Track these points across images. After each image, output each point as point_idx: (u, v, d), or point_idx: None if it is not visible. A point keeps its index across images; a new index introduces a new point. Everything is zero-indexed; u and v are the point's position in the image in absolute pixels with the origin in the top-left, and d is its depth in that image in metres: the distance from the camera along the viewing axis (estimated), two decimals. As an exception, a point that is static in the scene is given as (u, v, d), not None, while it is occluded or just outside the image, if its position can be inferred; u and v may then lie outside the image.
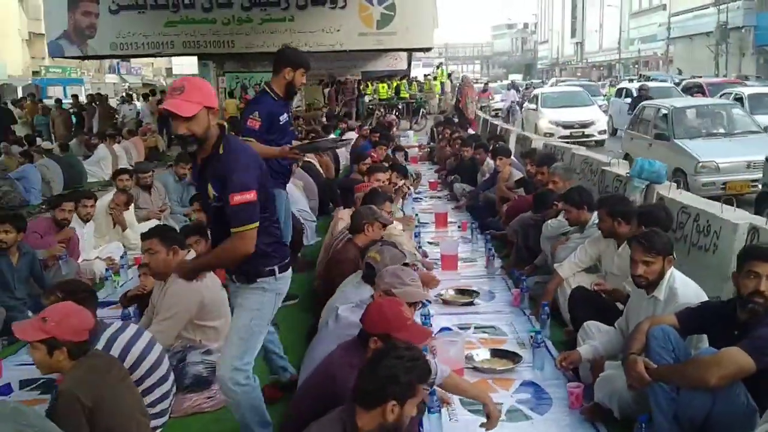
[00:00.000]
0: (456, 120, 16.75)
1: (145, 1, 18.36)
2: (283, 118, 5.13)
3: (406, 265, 4.13)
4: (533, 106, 20.74)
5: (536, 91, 23.62)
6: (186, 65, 41.80)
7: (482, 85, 31.48)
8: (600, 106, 21.26)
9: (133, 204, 8.06)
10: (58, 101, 20.45)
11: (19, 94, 31.72)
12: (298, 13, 18.69)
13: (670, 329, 3.37)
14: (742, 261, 3.33)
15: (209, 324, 4.17)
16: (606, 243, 4.98)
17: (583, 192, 5.63)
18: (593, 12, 72.91)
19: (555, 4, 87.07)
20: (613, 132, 19.87)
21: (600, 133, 18.80)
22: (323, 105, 22.63)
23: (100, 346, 3.41)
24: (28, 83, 40.59)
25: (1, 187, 10.26)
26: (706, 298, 3.72)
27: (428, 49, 25.81)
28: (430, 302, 5.05)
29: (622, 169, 7.71)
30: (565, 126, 18.47)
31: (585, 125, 18.56)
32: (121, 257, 7.09)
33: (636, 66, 57.06)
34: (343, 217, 5.85)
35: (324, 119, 18.82)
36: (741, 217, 5.58)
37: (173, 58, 43.45)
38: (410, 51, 26.85)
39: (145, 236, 4.38)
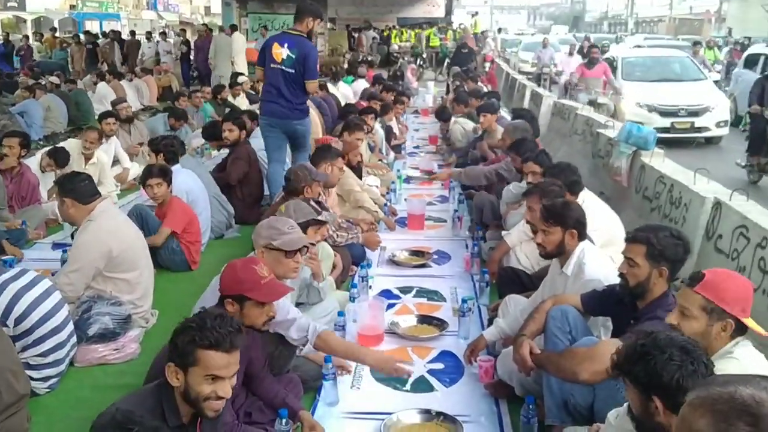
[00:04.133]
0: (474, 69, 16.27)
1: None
2: None
3: (320, 222, 4.01)
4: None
5: (612, 53, 15.42)
6: (225, 4, 41.49)
7: (580, 56, 16.85)
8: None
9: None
10: (76, 36, 20.41)
11: (57, 28, 32.02)
12: (319, -46, 18.38)
13: (570, 309, 3.19)
14: None
15: (120, 276, 4.09)
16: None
17: (530, 144, 5.46)
18: (649, -38, 69.89)
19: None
20: (738, 121, 11.93)
21: (719, 125, 12.14)
22: (347, 51, 22.23)
23: (-10, 291, 3.37)
24: (64, 17, 40.88)
25: (1, 121, 10.32)
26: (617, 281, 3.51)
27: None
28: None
29: (616, 132, 7.35)
30: (664, 113, 12.02)
31: (695, 112, 12.05)
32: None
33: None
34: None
35: (345, 65, 18.49)
36: (712, 191, 5.30)
37: (211, -3, 43.15)
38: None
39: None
